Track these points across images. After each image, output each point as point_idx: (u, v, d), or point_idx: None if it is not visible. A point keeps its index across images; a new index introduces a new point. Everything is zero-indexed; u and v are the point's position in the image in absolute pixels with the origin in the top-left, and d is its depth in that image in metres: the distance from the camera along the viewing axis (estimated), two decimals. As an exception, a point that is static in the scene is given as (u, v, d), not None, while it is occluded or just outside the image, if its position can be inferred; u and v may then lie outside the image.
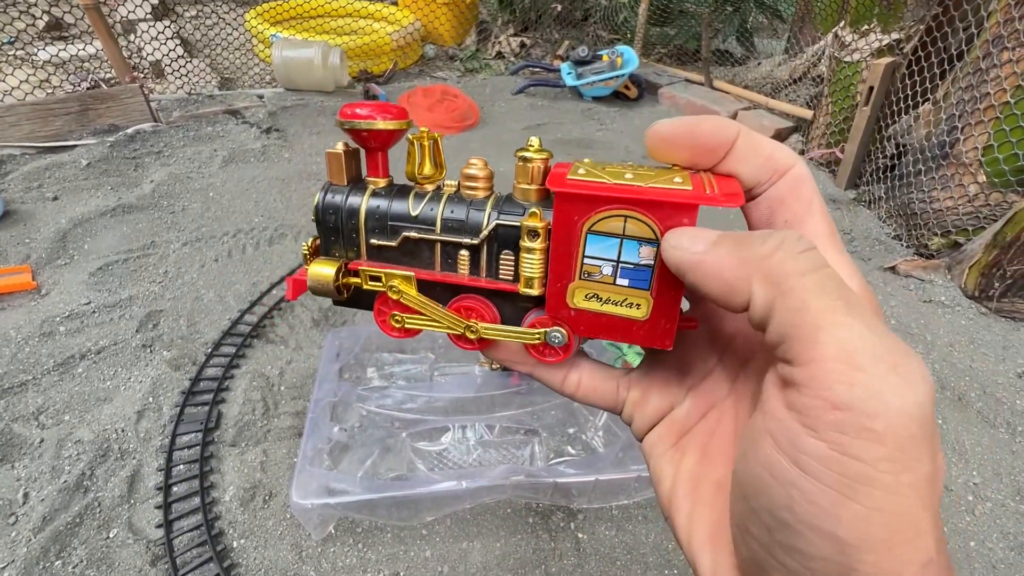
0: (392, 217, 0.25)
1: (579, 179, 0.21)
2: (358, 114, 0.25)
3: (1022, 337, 1.22)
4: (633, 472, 0.79)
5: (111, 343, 1.07)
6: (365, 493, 0.74)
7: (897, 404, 0.14)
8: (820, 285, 0.16)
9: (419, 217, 0.25)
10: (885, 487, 0.15)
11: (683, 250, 0.19)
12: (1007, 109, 1.27)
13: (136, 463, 0.86)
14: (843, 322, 0.15)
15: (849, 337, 0.15)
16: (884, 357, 0.15)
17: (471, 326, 0.25)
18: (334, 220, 0.26)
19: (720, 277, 0.18)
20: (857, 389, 0.15)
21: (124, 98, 1.72)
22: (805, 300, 0.16)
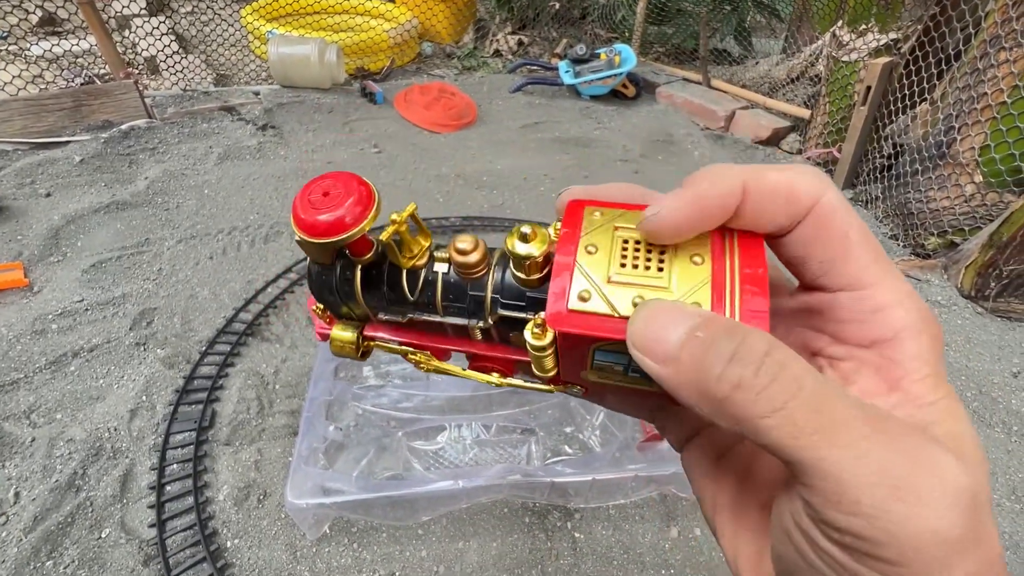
0: (392, 301, 0.24)
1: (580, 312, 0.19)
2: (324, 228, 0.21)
3: (1018, 337, 1.23)
4: (630, 472, 0.79)
5: (104, 341, 1.06)
6: (360, 493, 0.73)
7: (909, 539, 0.13)
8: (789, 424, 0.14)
9: (418, 303, 0.24)
10: None
11: (643, 361, 0.17)
12: (1004, 109, 1.27)
13: (129, 462, 0.85)
14: (826, 455, 0.14)
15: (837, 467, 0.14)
16: (888, 483, 0.14)
17: (492, 381, 0.25)
18: (332, 298, 0.25)
19: (682, 396, 0.16)
20: (858, 522, 0.14)
21: (118, 94, 1.70)
22: (775, 445, 0.15)
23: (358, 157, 1.81)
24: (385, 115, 2.11)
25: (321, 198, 0.21)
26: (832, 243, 0.18)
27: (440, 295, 0.23)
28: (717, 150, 2.09)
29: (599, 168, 1.89)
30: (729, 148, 2.11)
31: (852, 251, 0.18)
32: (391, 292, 0.24)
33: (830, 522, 0.14)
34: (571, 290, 0.19)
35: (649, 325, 0.17)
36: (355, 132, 1.97)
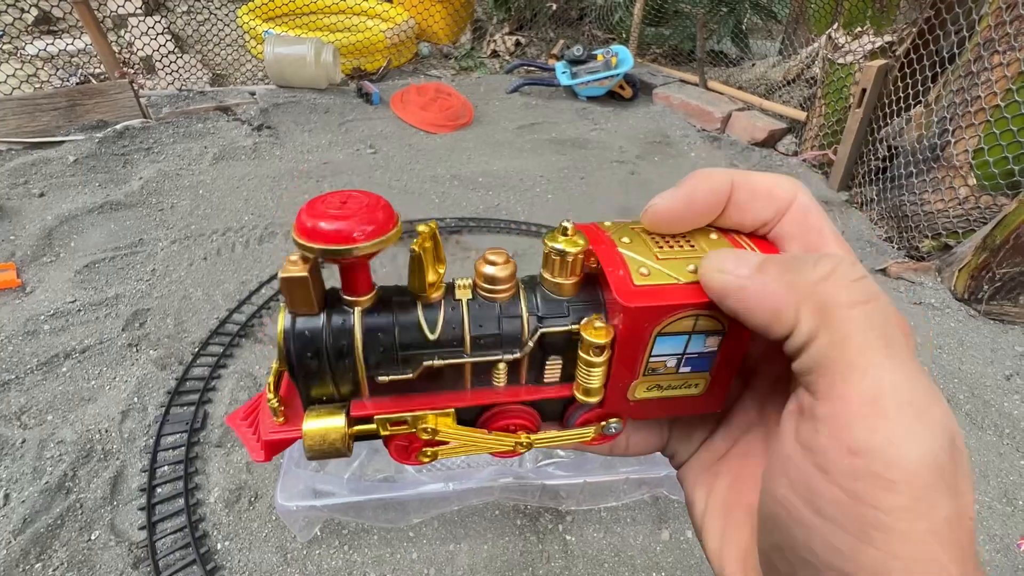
0: (403, 347, 0.20)
1: (648, 285, 0.19)
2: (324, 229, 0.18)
3: (1010, 339, 1.23)
4: (621, 474, 0.79)
5: (96, 342, 1.05)
6: (351, 495, 0.73)
7: (916, 455, 0.14)
8: (868, 320, 0.15)
9: (441, 341, 0.20)
10: (902, 534, 0.14)
11: (727, 273, 0.18)
12: (997, 112, 1.28)
13: (120, 464, 0.85)
14: (879, 363, 0.15)
15: (882, 380, 0.15)
16: (911, 404, 0.15)
17: (522, 442, 0.22)
18: (315, 363, 0.20)
19: (765, 303, 0.17)
20: (878, 436, 0.14)
21: (113, 94, 1.70)
22: (848, 334, 0.15)
23: (354, 158, 1.81)
24: (381, 115, 2.10)
25: (337, 205, 0.19)
26: (810, 237, 0.19)
27: (468, 326, 0.20)
28: (713, 151, 2.09)
29: (595, 169, 1.90)
30: (725, 149, 2.11)
31: (828, 245, 0.19)
32: (404, 335, 0.20)
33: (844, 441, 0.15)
34: (630, 269, 0.19)
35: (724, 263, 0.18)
36: (351, 132, 1.96)
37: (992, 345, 1.22)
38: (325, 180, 1.66)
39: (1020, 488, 0.95)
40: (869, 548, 0.15)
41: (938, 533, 0.14)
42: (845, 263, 0.16)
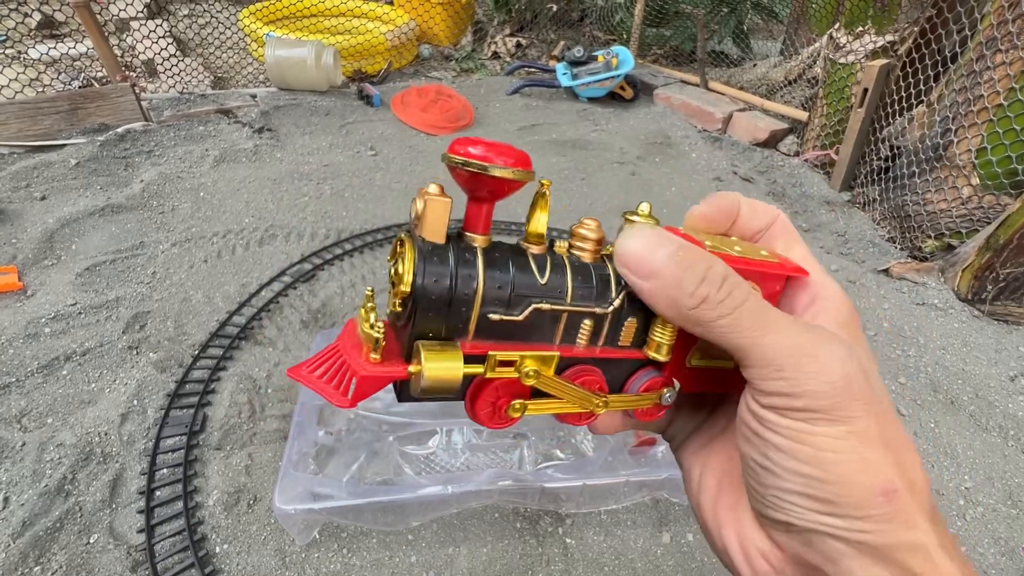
0: (518, 287, 0.21)
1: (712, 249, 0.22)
2: (476, 154, 0.20)
3: (1014, 340, 1.22)
4: (622, 477, 0.79)
5: (96, 345, 1.06)
6: (350, 498, 0.73)
7: (813, 386, 0.19)
8: (735, 324, 0.20)
9: (549, 286, 0.22)
10: (826, 436, 0.19)
11: (625, 274, 0.22)
12: (1000, 111, 1.27)
13: (119, 467, 0.85)
14: (760, 342, 0.20)
15: (771, 348, 0.20)
16: (798, 355, 0.20)
17: (602, 400, 0.24)
18: (440, 293, 0.20)
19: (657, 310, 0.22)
20: (780, 383, 0.20)
21: (115, 97, 1.70)
22: (725, 338, 0.20)
23: (354, 160, 1.81)
24: (382, 118, 2.11)
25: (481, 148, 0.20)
26: (789, 237, 0.26)
27: (570, 277, 0.22)
28: (714, 152, 2.08)
29: (596, 171, 1.89)
30: (727, 150, 2.11)
31: (798, 244, 0.26)
32: (519, 276, 0.21)
33: (763, 389, 0.20)
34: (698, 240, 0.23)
35: (635, 245, 0.21)
36: (351, 135, 1.97)
37: (996, 346, 1.21)
38: (326, 182, 1.66)
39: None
40: (802, 447, 0.19)
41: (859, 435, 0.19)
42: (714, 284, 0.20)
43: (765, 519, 0.22)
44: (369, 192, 1.63)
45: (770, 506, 0.21)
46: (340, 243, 1.39)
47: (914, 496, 0.20)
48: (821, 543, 0.20)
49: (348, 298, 1.23)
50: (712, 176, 1.91)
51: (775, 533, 0.22)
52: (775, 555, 0.22)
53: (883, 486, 0.19)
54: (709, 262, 0.21)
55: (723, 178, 1.90)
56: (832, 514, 0.19)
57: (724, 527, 0.24)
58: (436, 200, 0.20)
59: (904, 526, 0.19)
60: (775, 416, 0.20)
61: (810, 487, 0.20)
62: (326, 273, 1.30)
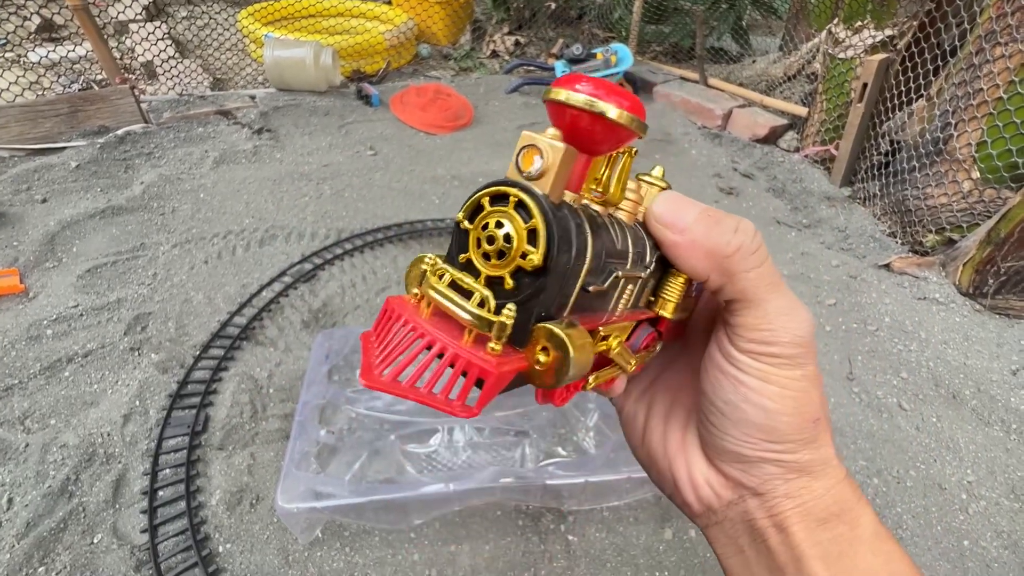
0: (608, 253, 0.19)
1: None
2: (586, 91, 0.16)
3: (1016, 334, 1.22)
4: (624, 473, 0.79)
5: (98, 346, 1.06)
6: (352, 497, 0.73)
7: (789, 338, 0.24)
8: (760, 277, 0.23)
9: (621, 251, 0.20)
10: (788, 378, 0.24)
11: (663, 232, 0.24)
12: (1000, 105, 1.27)
13: (122, 467, 0.85)
14: (768, 298, 0.24)
15: (771, 305, 0.24)
16: (788, 314, 0.24)
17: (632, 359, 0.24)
18: (567, 260, 0.17)
19: (689, 264, 0.24)
20: (767, 333, 0.24)
21: (114, 99, 1.70)
22: (747, 287, 0.23)
23: (354, 159, 1.81)
24: (381, 117, 2.11)
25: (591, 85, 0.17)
26: None
27: (630, 241, 0.21)
28: (715, 149, 2.08)
29: (595, 168, 1.89)
30: (727, 147, 2.10)
31: None
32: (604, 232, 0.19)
33: (748, 336, 0.24)
34: None
35: (669, 205, 0.24)
36: (351, 135, 1.97)
37: (998, 340, 1.21)
38: (326, 182, 1.66)
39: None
40: (768, 386, 0.24)
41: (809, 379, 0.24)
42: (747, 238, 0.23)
43: (719, 451, 0.26)
44: (369, 192, 1.64)
45: (729, 439, 0.25)
46: (340, 243, 1.39)
47: (827, 424, 0.25)
48: (759, 468, 0.25)
49: (348, 298, 1.23)
50: (712, 172, 1.91)
51: (723, 464, 0.26)
52: (717, 481, 0.27)
53: (814, 415, 0.24)
54: (738, 218, 0.23)
55: (723, 175, 1.90)
56: (775, 441, 0.24)
57: (674, 461, 0.28)
58: (569, 150, 0.17)
59: (820, 446, 0.25)
60: (749, 359, 0.24)
61: (769, 418, 0.24)
62: (326, 273, 1.30)
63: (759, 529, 0.25)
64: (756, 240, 0.23)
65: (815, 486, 0.25)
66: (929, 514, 0.88)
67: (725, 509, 0.27)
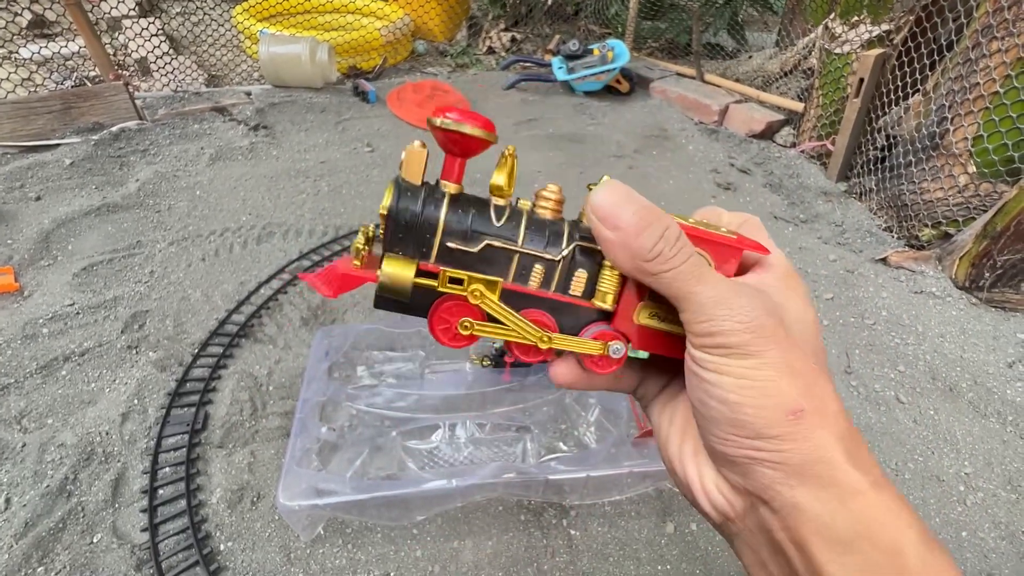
0: (474, 224, 0.26)
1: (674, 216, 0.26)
2: (451, 117, 0.25)
3: (1012, 327, 1.23)
4: (625, 468, 0.79)
5: (95, 345, 1.05)
6: (354, 493, 0.73)
7: (728, 326, 0.23)
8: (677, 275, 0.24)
9: (502, 228, 0.26)
10: (742, 367, 0.23)
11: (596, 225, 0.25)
12: (996, 99, 1.27)
13: (121, 466, 0.85)
14: (696, 290, 0.24)
15: (701, 296, 0.24)
16: (720, 302, 0.24)
17: (547, 336, 0.27)
18: (408, 218, 0.25)
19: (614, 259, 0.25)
20: (706, 324, 0.24)
21: (108, 96, 1.69)
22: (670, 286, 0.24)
23: (351, 156, 1.80)
24: (378, 114, 2.10)
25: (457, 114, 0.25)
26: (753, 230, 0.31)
27: (524, 225, 0.26)
28: (712, 144, 2.08)
29: (593, 164, 1.89)
30: (723, 142, 2.11)
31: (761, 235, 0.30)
32: (476, 217, 0.25)
33: (694, 331, 0.24)
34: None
35: (609, 198, 0.24)
36: (348, 131, 1.96)
37: (994, 333, 1.22)
38: (323, 179, 1.65)
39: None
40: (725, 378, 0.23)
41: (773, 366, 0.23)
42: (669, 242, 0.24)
43: (712, 454, 0.26)
44: (367, 188, 1.63)
45: (713, 439, 0.25)
46: (339, 239, 1.38)
47: (823, 418, 0.23)
48: (752, 471, 0.23)
49: (348, 294, 1.23)
50: (709, 168, 1.91)
51: (723, 469, 0.26)
52: (726, 487, 0.26)
53: (790, 406, 0.23)
54: (666, 223, 0.24)
55: (720, 170, 1.90)
56: (754, 437, 0.23)
57: (688, 469, 0.28)
58: (414, 150, 0.25)
59: (813, 443, 0.22)
60: (702, 354, 0.24)
61: (734, 412, 0.23)
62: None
63: (778, 543, 0.24)
64: (676, 245, 0.24)
65: (825, 496, 0.22)
66: (927, 506, 0.89)
67: (742, 518, 0.25)
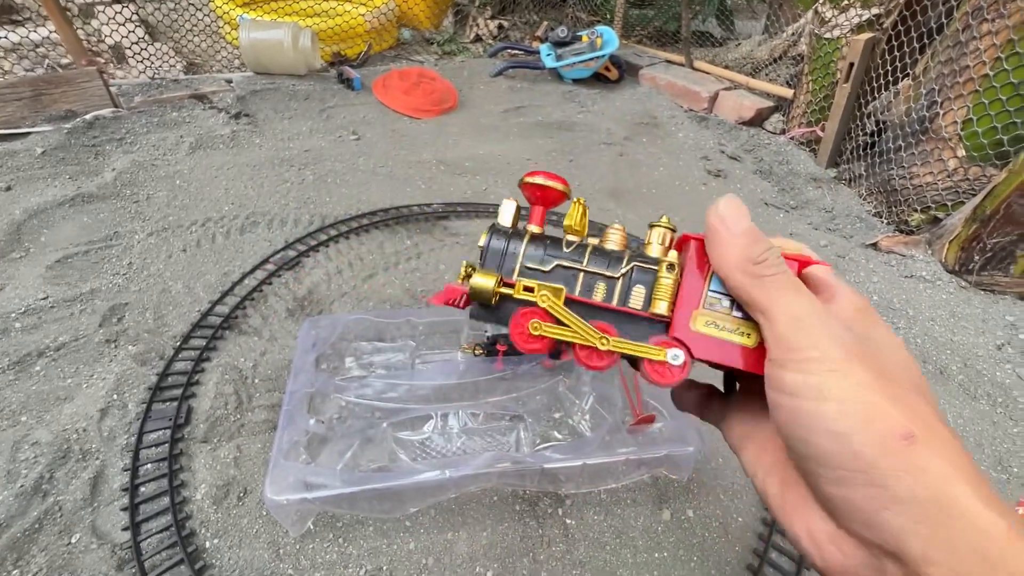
0: (548, 251, 0.31)
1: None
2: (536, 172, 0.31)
3: (1001, 310, 1.24)
4: (620, 455, 0.77)
5: (71, 339, 1.01)
6: (344, 486, 0.70)
7: (822, 341, 0.22)
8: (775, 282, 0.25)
9: (570, 253, 0.31)
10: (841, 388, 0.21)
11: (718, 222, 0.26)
12: (986, 82, 1.27)
13: (100, 464, 0.81)
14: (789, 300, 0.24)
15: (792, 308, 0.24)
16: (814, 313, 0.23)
17: (605, 338, 0.29)
18: (496, 249, 0.31)
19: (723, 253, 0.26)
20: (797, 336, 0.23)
21: (81, 82, 1.62)
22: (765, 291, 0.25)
23: (336, 144, 1.76)
24: (363, 101, 2.05)
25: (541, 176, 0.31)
26: None
27: (589, 252, 0.31)
28: (701, 131, 2.07)
29: (583, 152, 1.87)
30: (713, 129, 2.10)
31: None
32: (551, 247, 0.31)
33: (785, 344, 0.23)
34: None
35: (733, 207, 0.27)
36: (332, 119, 1.91)
37: (983, 316, 1.22)
38: (308, 168, 1.61)
39: (1014, 455, 0.95)
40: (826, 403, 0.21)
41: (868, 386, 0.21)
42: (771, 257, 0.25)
43: (826, 502, 0.23)
44: (353, 177, 1.59)
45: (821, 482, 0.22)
46: (324, 229, 1.35)
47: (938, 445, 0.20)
48: (877, 518, 0.20)
49: (335, 285, 1.20)
50: (699, 155, 1.90)
51: (839, 518, 0.22)
52: (844, 541, 0.22)
53: (898, 430, 0.20)
54: (768, 240, 0.26)
55: (710, 157, 1.89)
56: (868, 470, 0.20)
57: (794, 523, 0.24)
58: (506, 202, 0.32)
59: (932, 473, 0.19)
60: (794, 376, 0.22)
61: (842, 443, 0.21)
62: (311, 260, 1.26)
63: None
64: (779, 260, 0.26)
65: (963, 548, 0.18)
66: (921, 487, 0.89)
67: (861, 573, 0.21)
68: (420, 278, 1.23)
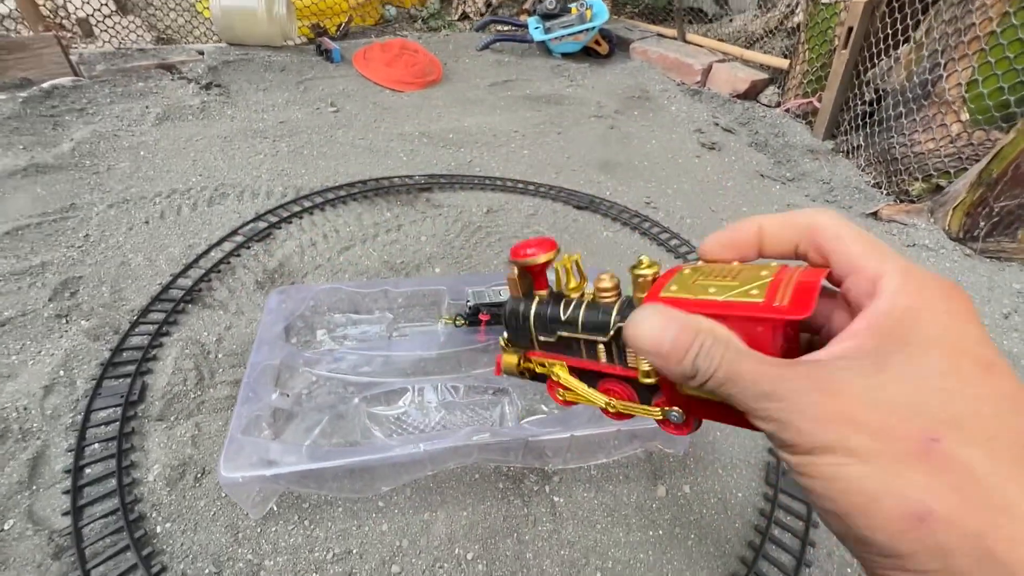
0: (550, 320, 0.32)
1: (670, 296, 0.24)
2: (526, 253, 0.32)
3: (1007, 277, 1.19)
4: (612, 427, 0.71)
5: (18, 314, 0.93)
6: (310, 462, 0.64)
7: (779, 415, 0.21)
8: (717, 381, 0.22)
9: (567, 321, 0.31)
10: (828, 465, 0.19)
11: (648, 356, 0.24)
12: (992, 39, 1.21)
13: (40, 444, 0.74)
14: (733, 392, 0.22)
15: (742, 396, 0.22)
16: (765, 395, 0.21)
17: (610, 402, 0.32)
18: (515, 324, 0.34)
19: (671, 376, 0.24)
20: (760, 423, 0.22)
21: (37, 48, 1.52)
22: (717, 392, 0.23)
23: (313, 116, 1.67)
24: (343, 73, 1.96)
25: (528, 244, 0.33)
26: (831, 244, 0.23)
27: (582, 313, 0.31)
28: (695, 105, 2.01)
29: (572, 125, 1.80)
30: (707, 103, 2.03)
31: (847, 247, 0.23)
32: (552, 310, 0.32)
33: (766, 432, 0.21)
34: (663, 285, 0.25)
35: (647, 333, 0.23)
36: (310, 91, 1.82)
37: (989, 284, 1.17)
38: (283, 140, 1.53)
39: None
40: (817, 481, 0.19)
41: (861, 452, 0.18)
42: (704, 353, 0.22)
43: None
44: (331, 149, 1.51)
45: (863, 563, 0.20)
46: (299, 200, 1.27)
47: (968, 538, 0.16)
48: None
49: (308, 257, 1.12)
50: (693, 128, 1.84)
51: None
52: None
53: (908, 509, 0.17)
54: (699, 338, 0.22)
55: (704, 130, 1.83)
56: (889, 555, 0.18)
57: None
58: (511, 279, 0.34)
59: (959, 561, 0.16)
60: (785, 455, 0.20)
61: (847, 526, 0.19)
62: (283, 232, 1.19)
63: None
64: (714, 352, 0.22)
65: None
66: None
67: None
68: (400, 250, 1.16)
